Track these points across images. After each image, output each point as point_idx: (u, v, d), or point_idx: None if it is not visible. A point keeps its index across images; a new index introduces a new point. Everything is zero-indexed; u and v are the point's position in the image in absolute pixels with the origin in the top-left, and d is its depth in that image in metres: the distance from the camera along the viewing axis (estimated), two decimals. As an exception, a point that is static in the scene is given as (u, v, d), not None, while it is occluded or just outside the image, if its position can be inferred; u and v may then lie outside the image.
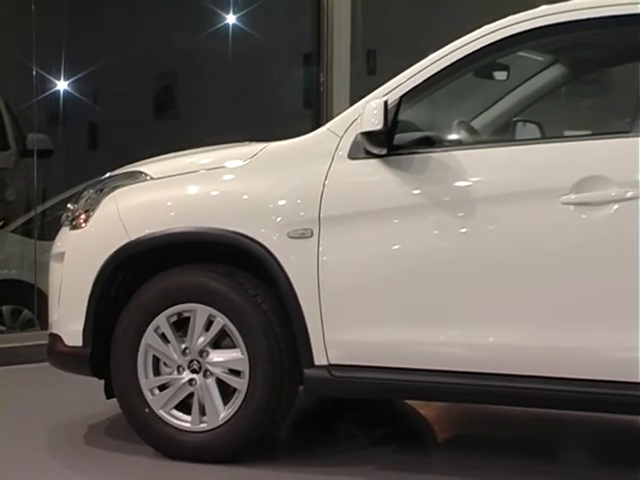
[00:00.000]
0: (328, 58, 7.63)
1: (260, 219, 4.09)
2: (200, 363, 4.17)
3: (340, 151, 4.06)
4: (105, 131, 7.67)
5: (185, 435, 4.18)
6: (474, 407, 4.99)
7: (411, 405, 5.10)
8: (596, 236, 3.71)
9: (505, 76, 4.55)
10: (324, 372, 4.03)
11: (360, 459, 4.32)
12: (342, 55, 7.66)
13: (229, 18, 7.71)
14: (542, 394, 3.81)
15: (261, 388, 4.06)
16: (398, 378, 3.97)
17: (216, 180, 4.26)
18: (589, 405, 3.89)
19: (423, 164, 3.95)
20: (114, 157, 5.05)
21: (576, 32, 4.11)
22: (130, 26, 7.45)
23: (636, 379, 3.65)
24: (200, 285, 4.17)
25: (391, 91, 4.01)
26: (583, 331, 3.73)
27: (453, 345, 3.91)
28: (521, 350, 3.82)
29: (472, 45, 3.99)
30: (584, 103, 7.69)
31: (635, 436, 4.74)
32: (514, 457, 4.44)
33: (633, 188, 3.64)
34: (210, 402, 4.14)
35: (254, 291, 4.12)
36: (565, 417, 4.83)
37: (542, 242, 3.79)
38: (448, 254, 3.91)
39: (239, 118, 7.72)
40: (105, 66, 7.25)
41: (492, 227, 3.86)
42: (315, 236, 4.01)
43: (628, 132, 3.76)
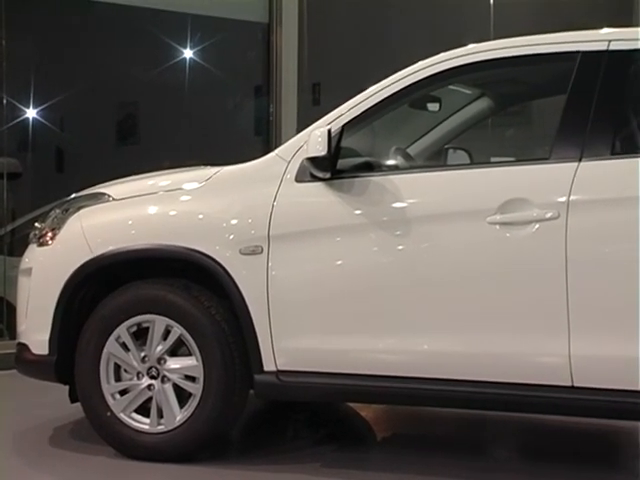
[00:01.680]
0: (277, 90, 7.65)
1: (214, 237, 4.07)
2: (158, 370, 4.14)
3: (288, 174, 4.06)
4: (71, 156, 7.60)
5: (144, 436, 4.15)
6: (410, 409, 5.01)
7: (352, 407, 5.09)
8: (519, 253, 3.74)
9: (437, 107, 4.57)
10: (273, 377, 4.02)
11: (305, 458, 4.31)
12: (290, 87, 7.69)
13: (186, 52, 7.69)
14: (473, 397, 3.83)
15: (215, 393, 4.05)
16: (340, 383, 3.97)
17: (174, 201, 4.24)
18: (515, 406, 3.92)
19: (363, 187, 3.96)
20: (79, 180, 4.99)
21: (500, 68, 4.16)
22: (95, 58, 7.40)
23: (559, 382, 3.70)
24: (158, 298, 4.14)
25: (334, 120, 4.02)
26: (509, 338, 3.76)
27: (391, 352, 3.92)
28: (452, 356, 3.84)
29: (407, 79, 4.02)
30: (508, 132, 7.78)
31: (561, 434, 4.79)
32: (448, 454, 4.45)
33: (552, 209, 3.68)
34: (167, 406, 4.12)
35: (208, 303, 4.10)
36: (495, 417, 4.86)
37: (470, 258, 3.82)
38: (386, 269, 3.92)
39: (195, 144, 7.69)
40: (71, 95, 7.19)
41: (426, 245, 3.88)
42: (265, 252, 4.00)
43: (547, 158, 3.81)
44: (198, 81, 7.75)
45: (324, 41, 8.19)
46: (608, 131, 3.76)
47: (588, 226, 3.66)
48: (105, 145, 7.63)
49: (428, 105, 4.54)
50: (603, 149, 3.73)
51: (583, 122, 3.75)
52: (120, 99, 7.67)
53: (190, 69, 7.76)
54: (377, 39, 8.30)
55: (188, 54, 7.73)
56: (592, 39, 3.88)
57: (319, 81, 8.10)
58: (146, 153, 7.53)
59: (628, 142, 4.16)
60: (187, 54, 7.73)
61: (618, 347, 3.63)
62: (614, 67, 3.79)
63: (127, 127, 7.78)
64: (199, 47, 7.73)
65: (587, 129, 3.74)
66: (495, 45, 4.02)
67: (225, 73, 7.81)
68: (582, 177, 3.69)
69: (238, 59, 7.97)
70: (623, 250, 3.65)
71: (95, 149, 7.55)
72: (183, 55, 7.72)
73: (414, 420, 5.00)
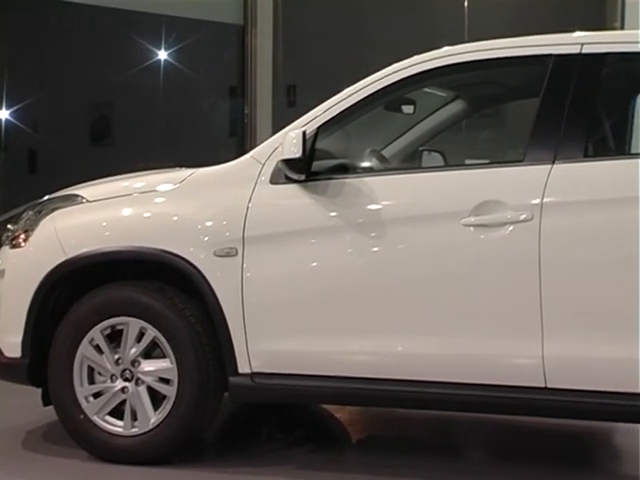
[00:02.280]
0: (252, 92, 7.65)
1: (189, 239, 4.06)
2: (132, 372, 4.12)
3: (262, 177, 4.05)
4: (44, 157, 7.55)
5: (118, 439, 4.13)
6: (385, 410, 5.01)
7: (327, 409, 5.09)
8: (493, 255, 3.76)
9: (412, 110, 4.58)
10: (247, 380, 4.02)
11: (280, 459, 4.31)
12: (264, 89, 7.70)
13: (161, 54, 7.67)
14: (448, 398, 3.84)
15: (189, 395, 4.04)
16: (315, 384, 3.96)
17: (148, 202, 4.23)
18: (489, 407, 3.93)
19: (338, 189, 3.96)
20: (52, 181, 4.96)
21: (475, 71, 4.18)
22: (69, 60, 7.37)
23: (533, 384, 3.71)
24: (132, 300, 4.13)
25: (309, 122, 4.02)
26: (483, 340, 3.77)
27: (365, 354, 3.93)
28: (427, 358, 3.85)
29: (382, 81, 4.03)
30: (482, 135, 7.81)
31: (535, 435, 4.81)
32: (424, 456, 4.45)
33: (526, 211, 3.70)
34: (141, 408, 4.10)
35: (183, 305, 4.09)
36: (470, 419, 4.88)
37: (445, 260, 3.83)
38: (361, 271, 3.92)
39: (170, 146, 7.67)
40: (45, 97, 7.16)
41: (400, 246, 3.89)
42: (239, 254, 4.00)
43: (521, 161, 3.83)
44: (173, 82, 7.73)
45: (299, 43, 8.20)
46: (581, 134, 3.78)
47: (561, 228, 3.68)
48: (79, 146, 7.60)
49: (403, 107, 4.55)
50: (576, 152, 3.75)
51: (556, 125, 3.77)
52: (94, 100, 7.64)
53: (164, 70, 7.75)
54: (352, 41, 8.32)
55: (163, 55, 7.72)
56: (565, 42, 3.90)
57: (294, 83, 8.11)
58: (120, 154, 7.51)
59: (601, 145, 4.20)
60: (162, 55, 7.72)
61: (591, 348, 3.66)
62: (587, 70, 3.82)
63: (101, 128, 7.75)
64: (173, 48, 7.72)
65: (560, 132, 3.76)
66: (469, 48, 4.04)
67: (200, 75, 7.80)
68: (555, 179, 3.71)
69: (213, 61, 7.96)
70: (596, 252, 3.68)
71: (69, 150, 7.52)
72: (157, 56, 7.71)
73: (389, 422, 5.01)
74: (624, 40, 4.00)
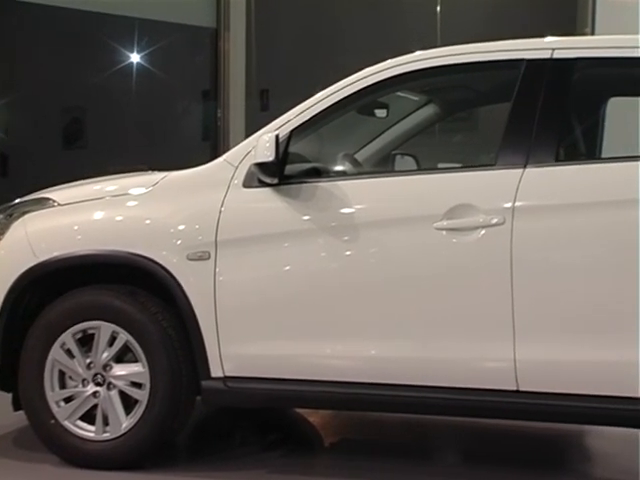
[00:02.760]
0: (225, 95, 7.64)
1: (161, 242, 4.05)
2: (104, 376, 4.10)
3: (235, 180, 4.05)
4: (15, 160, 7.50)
5: (89, 444, 4.11)
6: (358, 414, 5.01)
7: (300, 413, 5.09)
8: (465, 258, 3.77)
9: (385, 113, 4.60)
10: (220, 383, 4.01)
11: (252, 463, 4.30)
12: (238, 93, 7.69)
13: (133, 57, 7.64)
14: (421, 401, 3.85)
15: (161, 399, 4.02)
16: (288, 388, 3.96)
17: (120, 206, 4.21)
18: (461, 411, 3.94)
19: (311, 192, 3.97)
20: (24, 184, 4.93)
21: (447, 75, 4.19)
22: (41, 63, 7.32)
23: (505, 387, 3.73)
24: (104, 304, 4.11)
25: (282, 126, 4.02)
26: (455, 343, 3.79)
27: (338, 357, 3.93)
28: (400, 361, 3.85)
29: (355, 85, 4.04)
30: (455, 139, 7.84)
31: (508, 438, 4.83)
32: (396, 460, 4.46)
33: (498, 215, 3.72)
34: (113, 413, 4.08)
35: (155, 309, 4.07)
36: (443, 422, 4.89)
37: (418, 263, 3.84)
38: (334, 275, 3.93)
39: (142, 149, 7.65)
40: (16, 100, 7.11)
41: (373, 250, 3.89)
42: (212, 258, 3.99)
43: (493, 165, 3.84)
44: (145, 85, 7.71)
45: (272, 47, 8.19)
46: (552, 138, 3.80)
47: (533, 232, 3.70)
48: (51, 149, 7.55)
49: (376, 111, 4.56)
50: (547, 156, 3.77)
51: (528, 129, 3.80)
52: (67, 103, 7.60)
53: (137, 73, 7.72)
54: (326, 45, 8.33)
55: (135, 58, 7.69)
56: (536, 47, 3.93)
57: (267, 87, 8.10)
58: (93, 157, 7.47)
59: (572, 149, 4.24)
60: (134, 58, 7.69)
61: (562, 351, 3.68)
62: (558, 75, 3.84)
63: (73, 131, 7.71)
64: (146, 51, 7.69)
65: (532, 136, 3.79)
66: (442, 52, 4.05)
67: (173, 78, 7.78)
68: (527, 184, 3.73)
69: (186, 64, 7.94)
70: (567, 256, 3.71)
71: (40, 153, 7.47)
72: (130, 59, 7.68)
73: (362, 425, 5.01)
74: (595, 45, 4.04)
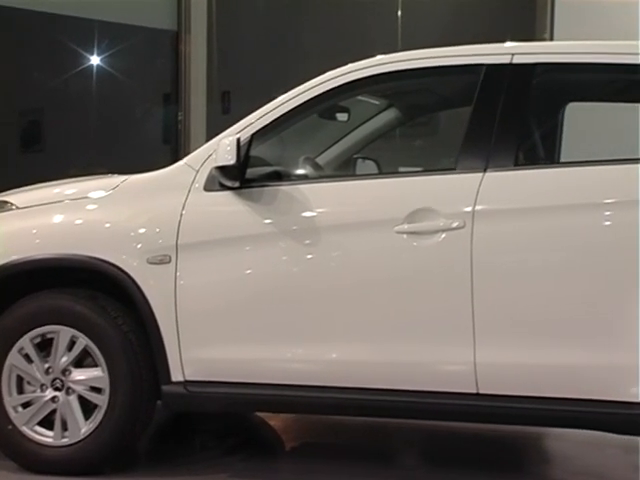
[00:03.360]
0: (186, 98, 7.62)
1: (121, 246, 4.02)
2: (63, 381, 4.06)
3: (196, 184, 4.03)
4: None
5: (48, 450, 4.07)
6: (319, 417, 5.02)
7: (262, 417, 5.08)
8: (426, 262, 3.78)
9: (346, 117, 4.60)
10: (180, 388, 3.99)
11: (213, 468, 4.28)
12: (199, 95, 7.67)
13: (93, 59, 7.59)
14: (381, 404, 3.86)
15: (121, 404, 3.99)
16: (249, 392, 3.95)
17: (80, 209, 4.18)
18: (422, 413, 3.96)
19: (272, 196, 3.96)
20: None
21: (408, 80, 4.21)
22: None
23: (465, 390, 3.75)
24: (64, 308, 4.07)
25: (243, 129, 4.01)
26: (416, 347, 3.80)
27: (299, 361, 3.92)
28: (361, 365, 3.86)
29: (316, 89, 4.04)
30: (416, 143, 7.87)
31: (468, 441, 4.85)
32: (357, 463, 4.47)
33: (458, 219, 3.74)
34: (72, 418, 4.05)
35: (115, 313, 4.05)
36: (403, 425, 4.90)
37: (379, 267, 3.85)
38: (295, 278, 3.92)
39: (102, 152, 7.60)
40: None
41: (334, 254, 3.90)
42: (173, 262, 3.97)
43: (454, 169, 3.86)
44: (106, 88, 7.66)
45: (234, 50, 8.18)
46: (512, 142, 3.83)
47: (493, 236, 3.72)
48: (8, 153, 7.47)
49: (337, 115, 4.56)
50: (507, 160, 3.80)
51: (488, 133, 3.82)
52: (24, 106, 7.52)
53: (97, 76, 7.67)
54: (288, 48, 8.33)
55: (95, 61, 7.63)
56: (496, 52, 3.96)
57: (229, 89, 8.08)
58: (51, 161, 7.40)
59: (531, 153, 4.26)
60: (94, 61, 7.64)
61: (522, 354, 3.70)
62: (517, 80, 3.87)
63: (31, 134, 7.63)
64: (106, 54, 7.64)
65: (492, 140, 3.81)
66: (402, 57, 4.07)
67: (133, 80, 7.74)
68: (487, 187, 3.75)
69: (146, 66, 7.90)
70: (526, 260, 3.73)
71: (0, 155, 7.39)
72: (90, 62, 7.62)
73: (323, 429, 5.01)
74: (553, 51, 4.08)
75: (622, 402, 3.62)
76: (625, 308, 3.60)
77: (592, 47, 3.94)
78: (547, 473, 4.55)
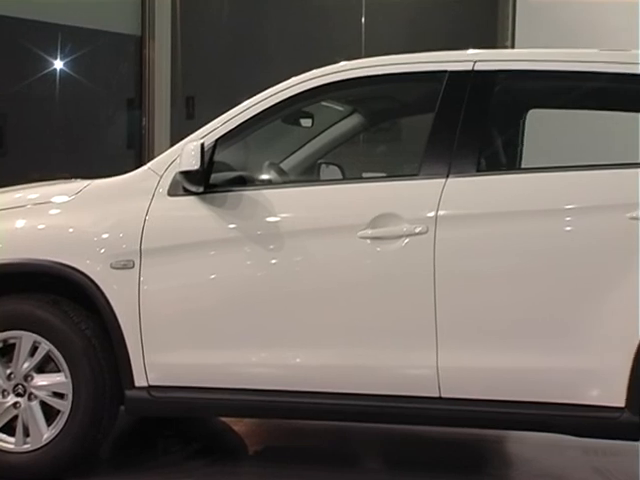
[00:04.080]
0: (149, 103, 7.59)
1: (84, 251, 4.00)
2: (25, 387, 4.03)
3: (160, 189, 4.02)
4: None
5: (9, 456, 4.03)
6: (282, 422, 5.01)
7: (225, 421, 5.07)
8: (389, 267, 3.79)
9: (310, 123, 4.61)
10: (144, 393, 3.97)
11: (176, 473, 4.26)
12: (163, 100, 7.64)
13: (57, 64, 7.53)
14: (345, 409, 3.87)
15: (84, 409, 3.97)
16: (212, 397, 3.94)
17: (43, 214, 4.14)
18: (385, 417, 3.96)
19: (236, 201, 3.96)
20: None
21: (371, 86, 4.22)
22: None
23: (428, 394, 3.76)
24: (26, 313, 4.03)
25: (207, 134, 4.01)
26: (379, 351, 3.81)
27: (263, 366, 3.92)
28: (325, 369, 3.86)
29: (280, 95, 4.04)
30: (379, 149, 7.89)
31: (430, 444, 4.87)
32: (320, 466, 4.46)
33: (421, 224, 3.75)
34: (34, 424, 4.01)
35: (78, 318, 4.02)
36: (366, 429, 4.91)
37: (342, 272, 3.85)
38: (258, 283, 3.92)
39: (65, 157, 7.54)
40: None
41: (298, 259, 3.90)
42: (137, 267, 3.95)
43: (416, 175, 3.88)
44: (69, 93, 7.61)
45: (198, 55, 8.16)
46: (474, 149, 3.85)
47: (455, 241, 3.74)
48: (-30, 157, 7.40)
49: (301, 120, 4.57)
50: (469, 166, 3.82)
51: (450, 140, 3.84)
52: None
53: (61, 80, 7.61)
54: (252, 54, 8.32)
55: (59, 65, 7.58)
56: (458, 59, 3.98)
57: (193, 95, 8.06)
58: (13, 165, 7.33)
59: (493, 159, 4.29)
60: (58, 65, 7.58)
61: (484, 359, 3.72)
62: (479, 86, 3.90)
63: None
64: (70, 58, 7.59)
65: (454, 146, 3.83)
66: (366, 63, 4.08)
67: (97, 85, 7.69)
68: (449, 193, 3.77)
69: (110, 71, 7.86)
70: (488, 264, 3.76)
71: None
72: (53, 66, 7.56)
73: (286, 433, 5.00)
74: (514, 58, 4.12)
75: (581, 405, 3.66)
76: (584, 312, 3.64)
77: (552, 55, 3.98)
78: (508, 475, 4.57)
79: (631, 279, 3.60)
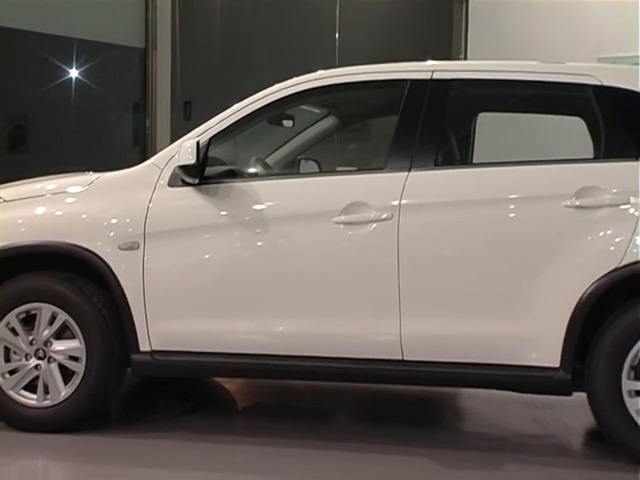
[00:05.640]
0: (152, 106, 7.54)
1: (96, 234, 3.97)
2: (45, 351, 4.01)
3: (161, 180, 3.99)
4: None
5: (31, 411, 4.02)
6: (268, 381, 5.00)
7: (218, 381, 5.06)
8: (359, 248, 3.79)
9: (291, 124, 4.59)
10: (147, 357, 3.96)
11: (176, 425, 4.25)
12: (164, 104, 7.60)
13: (72, 72, 7.47)
14: (321, 370, 3.87)
15: (96, 371, 3.95)
16: (207, 360, 3.94)
17: (60, 202, 4.11)
18: (355, 377, 3.97)
19: (227, 191, 3.94)
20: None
21: (344, 92, 4.21)
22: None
23: (392, 357, 3.76)
24: (45, 288, 4.01)
25: (202, 133, 3.99)
26: (351, 321, 3.81)
27: (250, 333, 3.91)
28: (303, 336, 3.86)
29: (265, 99, 4.03)
30: (351, 146, 7.88)
31: (395, 400, 4.88)
32: (299, 420, 4.47)
33: (387, 211, 3.75)
34: (53, 383, 3.99)
35: (90, 292, 4.00)
36: (338, 388, 4.92)
37: (319, 253, 3.85)
38: (247, 262, 3.91)
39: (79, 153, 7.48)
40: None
41: (281, 241, 3.89)
42: (141, 248, 3.93)
43: (383, 168, 3.87)
44: (83, 98, 7.54)
45: (195, 64, 8.10)
46: (432, 146, 3.85)
47: (416, 225, 3.75)
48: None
49: (283, 122, 4.54)
50: (428, 161, 3.82)
51: (412, 138, 3.84)
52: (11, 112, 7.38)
53: (76, 87, 7.55)
54: (241, 64, 8.28)
55: (74, 74, 7.51)
56: (419, 69, 3.97)
57: (190, 99, 8.01)
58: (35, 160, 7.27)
59: (448, 155, 4.29)
60: (73, 74, 7.52)
61: (441, 326, 3.73)
62: (437, 92, 3.89)
63: (17, 137, 7.49)
64: (83, 67, 7.52)
65: (415, 144, 3.83)
66: (339, 72, 4.07)
67: (107, 91, 7.63)
68: (411, 184, 3.77)
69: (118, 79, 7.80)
70: (444, 246, 3.76)
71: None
72: (69, 74, 7.50)
73: (271, 391, 5.00)
74: (467, 68, 4.14)
75: (523, 366, 3.67)
76: (526, 288, 3.65)
77: (498, 66, 3.99)
78: (461, 426, 4.60)
79: (566, 259, 3.61)
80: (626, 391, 3.57)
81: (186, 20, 7.94)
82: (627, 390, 3.57)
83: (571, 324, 3.59)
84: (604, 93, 3.77)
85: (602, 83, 3.77)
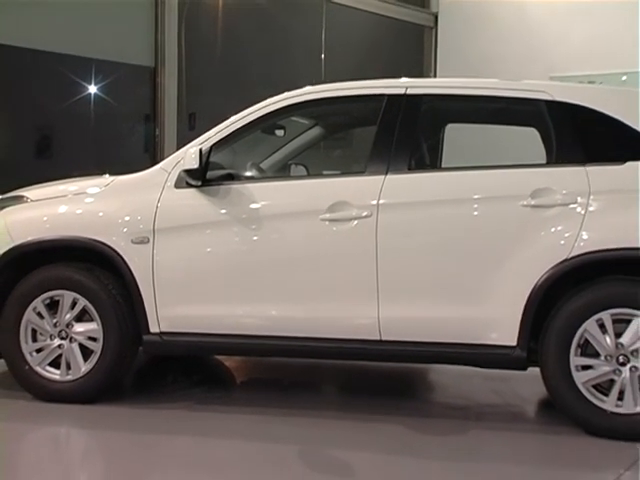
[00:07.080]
0: (161, 118, 7.52)
1: (112, 230, 3.95)
2: (67, 332, 3.99)
3: (168, 182, 3.98)
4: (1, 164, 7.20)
5: (55, 384, 4.01)
6: (263, 359, 4.99)
7: (218, 359, 5.04)
8: (343, 242, 3.79)
9: (283, 133, 4.57)
10: (157, 337, 3.95)
11: (182, 397, 4.24)
12: (171, 116, 7.59)
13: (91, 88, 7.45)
14: (310, 349, 3.87)
15: (111, 349, 3.94)
16: (209, 340, 3.93)
17: (80, 202, 4.09)
18: (340, 355, 3.99)
19: (227, 192, 3.92)
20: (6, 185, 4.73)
21: (329, 105, 4.21)
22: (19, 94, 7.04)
23: (371, 337, 3.76)
24: (67, 277, 3.99)
25: (205, 141, 3.97)
26: (335, 305, 3.81)
27: (247, 316, 3.90)
28: (294, 319, 3.86)
29: (260, 111, 4.02)
30: (335, 152, 7.87)
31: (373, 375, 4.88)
32: (292, 393, 4.47)
33: (366, 210, 3.74)
34: (74, 360, 3.98)
35: (107, 281, 3.98)
36: (324, 365, 4.91)
37: (307, 246, 3.85)
38: (244, 254, 3.90)
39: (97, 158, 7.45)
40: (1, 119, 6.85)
41: (274, 236, 3.88)
42: (151, 242, 3.91)
43: (363, 172, 3.87)
44: (100, 110, 7.51)
45: (199, 80, 8.08)
46: (406, 153, 3.85)
47: (392, 222, 3.75)
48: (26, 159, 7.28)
49: (276, 131, 4.53)
50: (402, 166, 3.82)
51: (388, 146, 3.83)
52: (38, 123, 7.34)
53: (94, 101, 7.51)
54: (239, 80, 8.26)
55: (92, 90, 7.48)
56: (395, 85, 3.97)
57: (194, 111, 7.98)
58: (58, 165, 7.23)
59: (420, 161, 4.29)
60: (92, 90, 7.49)
61: (414, 310, 3.73)
62: (410, 106, 3.89)
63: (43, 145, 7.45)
64: (101, 84, 7.49)
65: (391, 151, 3.82)
66: (325, 87, 4.07)
67: (121, 105, 7.60)
68: (388, 186, 3.77)
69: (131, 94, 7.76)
70: (416, 240, 3.77)
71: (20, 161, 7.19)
72: (88, 90, 7.47)
73: (266, 368, 4.99)
74: (437, 85, 4.15)
75: (484, 345, 3.68)
76: (487, 276, 3.66)
77: (464, 83, 3.99)
78: (431, 398, 4.60)
79: (522, 251, 3.62)
80: (574, 366, 3.58)
81: (191, 42, 7.91)
82: (574, 365, 3.58)
83: (527, 308, 3.60)
84: (555, 107, 3.77)
85: (554, 98, 3.78)
